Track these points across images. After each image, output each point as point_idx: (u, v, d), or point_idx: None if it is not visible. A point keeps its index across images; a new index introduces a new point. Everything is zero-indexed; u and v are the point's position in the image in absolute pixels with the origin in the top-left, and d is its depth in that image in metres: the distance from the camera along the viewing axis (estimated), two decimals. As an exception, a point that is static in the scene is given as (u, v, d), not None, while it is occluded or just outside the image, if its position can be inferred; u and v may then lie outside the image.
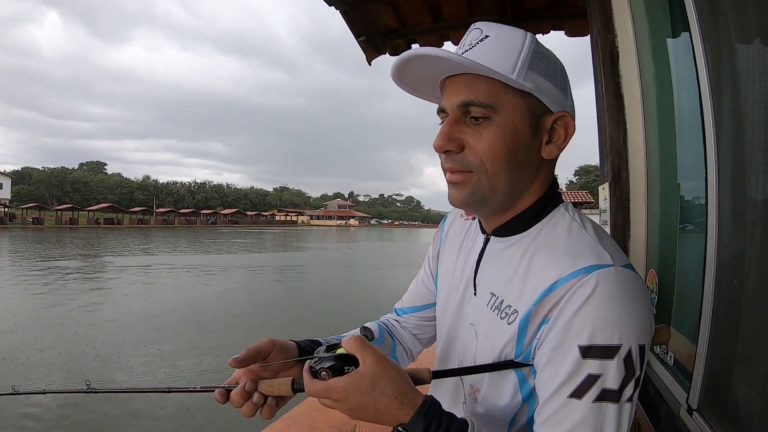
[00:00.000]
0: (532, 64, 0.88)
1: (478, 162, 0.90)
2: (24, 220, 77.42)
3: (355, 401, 0.86)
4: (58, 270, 21.76)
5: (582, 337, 0.79)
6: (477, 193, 0.92)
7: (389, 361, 0.90)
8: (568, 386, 0.80)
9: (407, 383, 0.89)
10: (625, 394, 0.79)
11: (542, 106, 0.90)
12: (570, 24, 3.74)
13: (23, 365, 8.83)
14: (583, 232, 0.90)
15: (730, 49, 1.29)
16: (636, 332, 0.79)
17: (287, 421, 5.32)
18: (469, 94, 0.88)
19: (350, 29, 3.75)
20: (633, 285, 0.82)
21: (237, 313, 13.76)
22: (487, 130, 0.88)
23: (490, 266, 1.01)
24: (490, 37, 0.90)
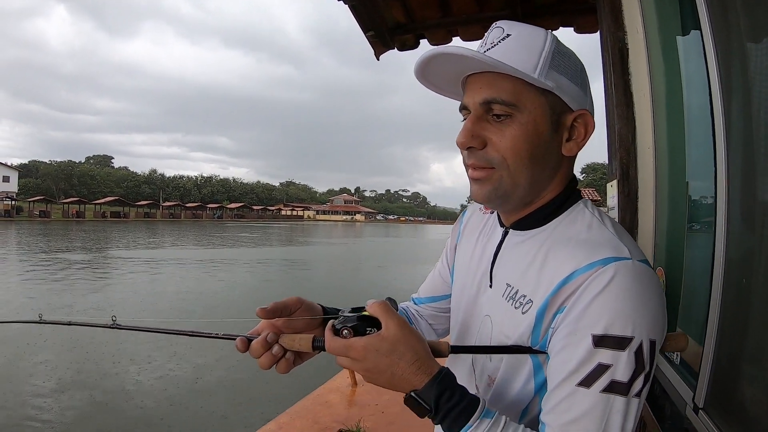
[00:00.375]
0: (553, 63, 0.90)
1: (500, 159, 0.92)
2: (31, 213, 77.94)
3: (373, 362, 0.88)
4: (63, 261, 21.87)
5: (596, 327, 0.80)
6: (499, 189, 0.94)
7: (411, 327, 0.91)
8: (578, 374, 0.81)
9: (426, 351, 0.90)
10: (633, 389, 0.80)
11: (563, 104, 0.92)
12: (579, 20, 3.72)
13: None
14: (602, 226, 0.92)
15: (741, 47, 1.28)
16: (649, 327, 0.80)
17: (291, 416, 5.35)
18: (491, 92, 0.90)
19: (359, 24, 3.74)
20: (649, 280, 0.83)
21: (240, 306, 13.78)
22: (509, 127, 0.90)
23: (507, 259, 1.03)
24: (512, 36, 0.91)
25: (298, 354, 1.04)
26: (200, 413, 6.91)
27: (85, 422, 6.51)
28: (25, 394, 7.36)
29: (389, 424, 5.11)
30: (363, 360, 0.88)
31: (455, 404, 0.86)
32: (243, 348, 1.03)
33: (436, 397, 0.86)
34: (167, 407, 7.09)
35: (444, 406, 0.86)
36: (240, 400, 7.42)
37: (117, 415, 6.78)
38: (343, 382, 6.30)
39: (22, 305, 13.12)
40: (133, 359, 9.22)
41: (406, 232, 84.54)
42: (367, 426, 5.00)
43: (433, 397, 0.86)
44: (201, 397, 7.48)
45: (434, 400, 0.86)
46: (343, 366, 0.91)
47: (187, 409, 7.04)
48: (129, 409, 6.99)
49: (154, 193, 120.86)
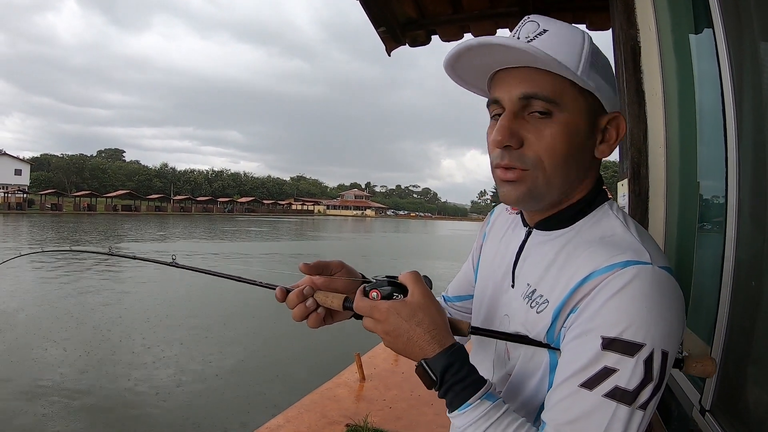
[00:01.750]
0: (593, 63, 0.88)
1: (537, 159, 0.88)
2: (42, 205, 78.46)
3: (393, 325, 0.90)
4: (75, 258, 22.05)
5: (607, 329, 0.78)
6: (533, 191, 0.91)
7: (435, 300, 0.93)
8: (582, 375, 0.79)
9: (444, 324, 0.92)
10: (639, 399, 0.77)
11: (600, 106, 0.90)
12: (592, 17, 3.70)
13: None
14: (625, 230, 0.89)
15: (753, 46, 1.28)
16: (663, 336, 0.77)
17: (299, 409, 5.37)
18: (532, 87, 0.87)
19: (370, 20, 3.74)
20: (669, 288, 0.80)
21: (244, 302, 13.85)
22: (548, 126, 0.87)
23: (530, 258, 1.01)
24: (549, 31, 0.88)
25: (329, 313, 1.08)
26: (208, 406, 6.95)
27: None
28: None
29: (397, 419, 5.12)
30: (384, 322, 0.91)
31: (460, 379, 0.87)
32: (281, 297, 1.08)
33: (444, 369, 0.87)
34: (173, 400, 7.13)
35: (449, 379, 0.87)
36: (248, 393, 7.46)
37: (123, 403, 6.84)
38: (351, 377, 6.32)
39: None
40: (147, 348, 9.29)
41: (417, 228, 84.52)
42: (374, 421, 5.01)
43: (440, 367, 0.87)
44: (209, 391, 7.53)
45: (441, 370, 0.87)
46: (367, 327, 0.95)
47: (193, 402, 7.08)
48: (142, 393, 7.05)
49: (165, 187, 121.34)
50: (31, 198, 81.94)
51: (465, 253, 1.36)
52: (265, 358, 9.39)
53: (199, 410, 6.81)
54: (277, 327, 11.65)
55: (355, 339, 9.65)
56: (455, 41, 4.07)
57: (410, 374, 6.53)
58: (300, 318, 1.07)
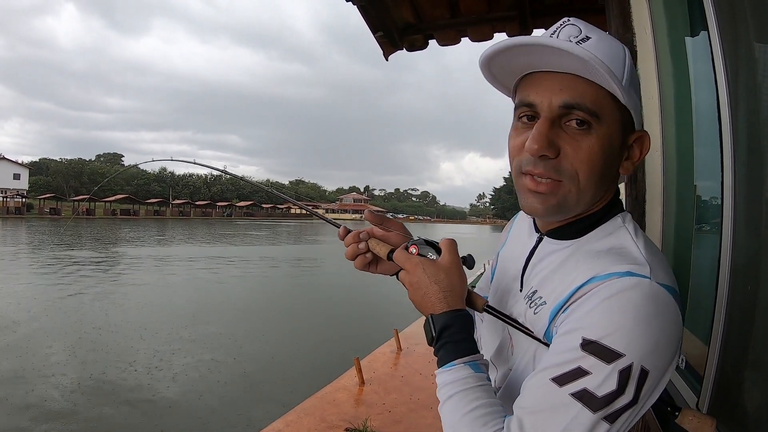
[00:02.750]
0: (631, 79, 0.86)
1: (573, 172, 0.86)
2: (41, 210, 78.29)
3: (417, 277, 0.98)
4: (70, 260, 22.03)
5: (590, 331, 0.77)
6: (563, 205, 0.89)
7: (461, 268, 1.01)
8: (556, 369, 0.79)
9: (460, 290, 0.99)
10: (606, 410, 0.75)
11: (631, 123, 0.90)
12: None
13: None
14: (633, 243, 0.88)
15: (748, 49, 1.28)
16: (646, 352, 0.76)
17: (299, 413, 5.37)
18: (574, 96, 0.84)
19: (367, 24, 3.75)
20: (664, 307, 0.79)
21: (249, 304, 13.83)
22: (586, 138, 0.85)
23: (539, 265, 1.01)
24: (592, 39, 0.86)
25: (374, 262, 1.17)
26: (207, 411, 6.94)
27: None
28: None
29: (396, 423, 5.12)
30: (411, 273, 0.99)
31: (454, 340, 0.93)
32: (342, 235, 1.16)
33: (443, 326, 0.94)
34: (170, 405, 7.12)
35: (444, 338, 0.94)
36: (247, 398, 7.45)
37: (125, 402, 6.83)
38: (351, 381, 6.32)
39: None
40: (152, 356, 9.28)
41: (416, 231, 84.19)
42: (373, 425, 5.01)
43: (441, 325, 0.94)
44: (208, 395, 7.52)
45: (441, 328, 0.94)
46: (400, 278, 1.04)
47: (192, 406, 7.07)
48: (140, 396, 7.04)
49: (164, 191, 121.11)
50: (30, 202, 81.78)
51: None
52: (264, 363, 9.38)
53: (198, 415, 6.80)
54: (276, 331, 11.65)
55: (354, 343, 9.65)
56: (452, 45, 4.08)
57: (409, 378, 6.54)
58: (350, 257, 1.15)
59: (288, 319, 13.00)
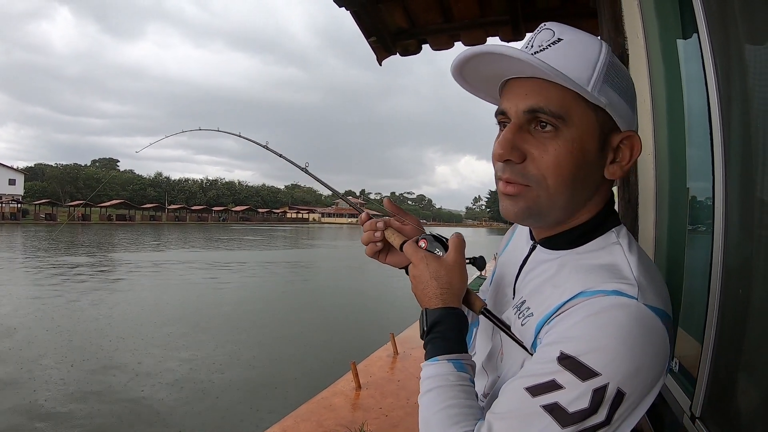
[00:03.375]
0: (607, 77, 0.83)
1: (540, 176, 0.85)
2: (37, 216, 78.12)
3: (419, 271, 1.01)
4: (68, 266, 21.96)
5: (569, 346, 0.76)
6: (533, 209, 0.88)
7: (463, 268, 1.02)
8: (531, 379, 0.78)
9: (458, 289, 1.00)
10: (575, 427, 0.74)
11: (612, 123, 0.86)
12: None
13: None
14: (625, 261, 0.85)
15: (739, 51, 1.29)
16: (624, 375, 0.73)
17: (296, 419, 5.36)
18: (539, 100, 0.83)
19: (361, 30, 3.76)
20: (650, 330, 0.76)
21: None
22: (553, 142, 0.83)
23: (530, 273, 0.99)
24: (564, 40, 0.84)
25: (384, 251, 1.19)
26: (203, 416, 6.92)
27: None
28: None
29: (393, 427, 5.11)
30: (416, 266, 1.02)
31: (443, 336, 0.95)
32: (364, 219, 1.19)
33: (434, 322, 0.96)
34: (165, 410, 7.10)
35: (434, 333, 0.96)
36: (244, 403, 7.43)
37: (120, 408, 6.81)
38: (347, 386, 6.31)
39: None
40: (147, 361, 9.25)
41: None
42: (370, 429, 5.00)
43: (432, 319, 0.96)
44: (204, 400, 7.50)
45: (432, 322, 0.96)
46: (409, 271, 1.06)
47: (188, 413, 7.05)
48: (135, 401, 7.02)
49: (159, 196, 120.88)
50: (26, 208, 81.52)
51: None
52: (260, 368, 9.36)
53: (194, 420, 6.78)
54: (272, 336, 11.63)
55: (351, 348, 9.64)
56: (446, 50, 4.09)
57: (406, 382, 6.52)
58: (365, 242, 1.17)
59: (284, 323, 12.97)
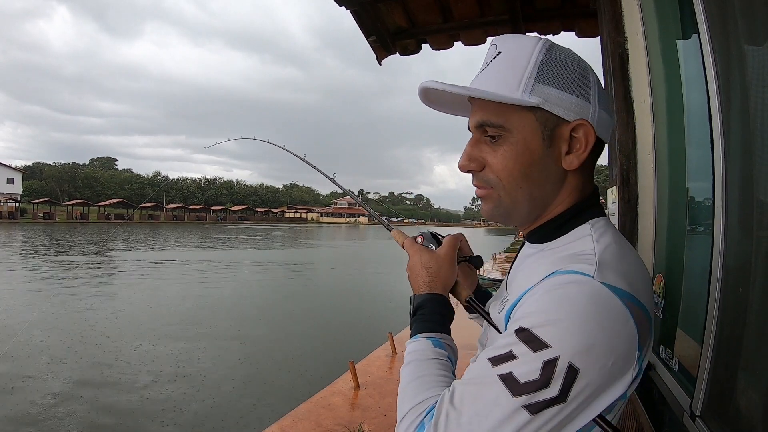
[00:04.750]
0: (539, 76, 0.88)
1: (496, 179, 0.94)
2: (35, 214, 78.14)
3: (413, 262, 1.14)
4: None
5: (526, 320, 0.79)
6: (499, 207, 0.98)
7: (453, 262, 1.15)
8: (494, 350, 0.81)
9: (445, 279, 1.12)
10: (524, 399, 0.75)
11: (555, 117, 0.90)
12: (581, 24, 3.72)
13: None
14: (591, 247, 0.88)
15: (739, 51, 1.29)
16: (576, 350, 0.74)
17: (294, 418, 5.36)
18: (483, 115, 0.93)
19: (361, 29, 3.76)
20: (606, 307, 0.77)
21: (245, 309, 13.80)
22: (501, 148, 0.92)
23: (518, 268, 1.08)
24: (501, 53, 0.93)
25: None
26: (201, 416, 6.91)
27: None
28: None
29: (391, 427, 5.10)
30: (411, 257, 1.16)
31: (424, 319, 1.06)
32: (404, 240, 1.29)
33: (419, 305, 1.08)
34: (164, 410, 7.09)
35: (418, 315, 1.07)
36: (242, 403, 7.42)
37: (118, 406, 6.80)
38: (346, 385, 6.31)
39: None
40: (145, 360, 9.24)
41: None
42: (369, 429, 5.01)
43: (417, 303, 1.09)
44: (202, 400, 7.49)
45: (417, 306, 1.09)
46: (408, 263, 1.17)
47: (186, 412, 7.04)
48: (136, 400, 7.01)
49: (158, 196, 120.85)
50: (24, 207, 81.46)
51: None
52: (259, 368, 9.36)
53: (192, 419, 6.78)
54: (270, 336, 11.62)
55: (349, 347, 9.64)
56: (445, 50, 4.10)
57: (404, 381, 6.52)
58: None
59: (283, 323, 12.98)
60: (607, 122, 0.95)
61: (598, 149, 0.95)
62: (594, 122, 0.91)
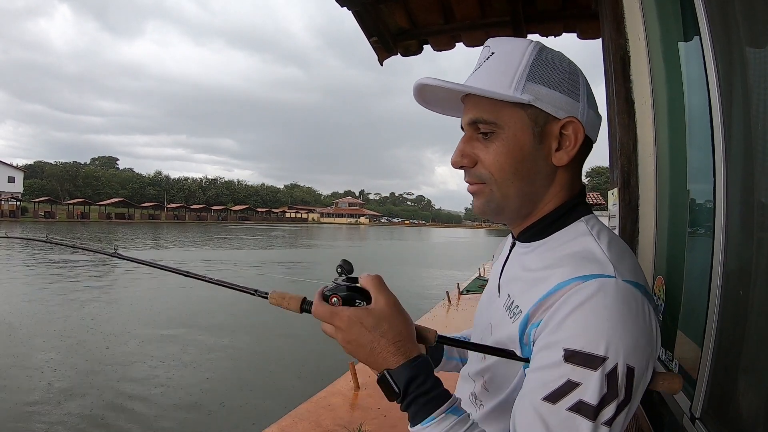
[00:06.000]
0: (531, 75, 0.92)
1: (488, 174, 0.95)
2: (36, 213, 78.17)
3: (355, 334, 0.89)
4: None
5: (569, 341, 0.78)
6: (491, 203, 0.97)
7: (400, 307, 0.93)
8: (545, 388, 0.79)
9: (410, 334, 0.91)
10: (603, 415, 0.75)
11: (545, 115, 0.92)
12: (582, 26, 3.72)
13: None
14: (596, 245, 0.90)
15: (740, 53, 1.29)
16: (627, 351, 0.77)
17: (294, 418, 5.36)
18: (476, 113, 0.95)
19: (362, 30, 3.76)
20: (634, 302, 0.80)
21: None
22: (493, 144, 0.94)
23: (511, 269, 1.06)
24: (494, 54, 0.96)
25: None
26: (201, 416, 6.91)
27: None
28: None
29: (391, 428, 5.10)
30: (346, 330, 0.89)
31: (424, 392, 0.85)
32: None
33: (408, 381, 0.86)
34: (163, 410, 7.10)
35: (413, 391, 0.86)
36: (241, 403, 7.42)
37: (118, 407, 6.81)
38: (346, 386, 6.30)
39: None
40: (144, 361, 9.25)
41: (411, 236, 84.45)
42: (369, 429, 5.00)
43: (404, 379, 0.86)
44: (202, 400, 7.49)
45: (405, 382, 0.86)
46: (327, 332, 0.93)
47: (186, 412, 7.05)
48: (131, 405, 7.01)
49: (158, 195, 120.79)
50: (25, 206, 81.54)
51: (460, 261, 1.39)
52: (258, 368, 9.36)
53: (192, 420, 6.78)
54: (270, 336, 11.62)
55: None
56: (447, 50, 4.10)
57: (404, 382, 6.52)
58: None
59: (283, 323, 12.97)
60: (595, 122, 0.98)
61: (587, 148, 0.98)
62: (583, 120, 0.94)
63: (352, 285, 0.93)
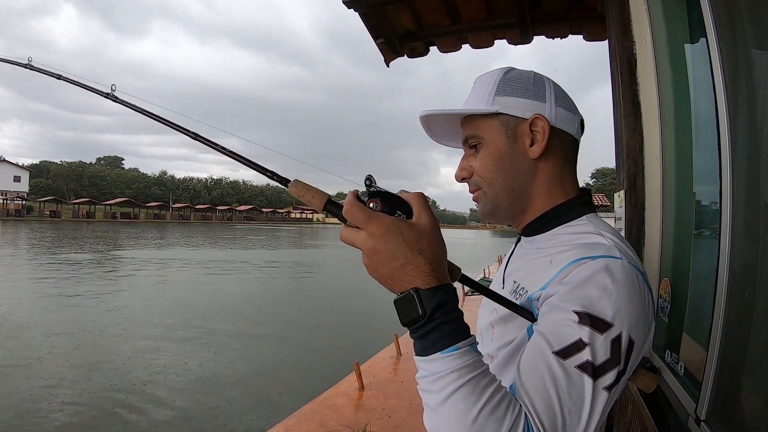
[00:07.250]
0: (498, 90, 1.07)
1: (480, 179, 1.10)
2: (41, 213, 78.41)
3: (391, 244, 0.79)
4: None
5: (580, 304, 0.83)
6: (488, 203, 1.11)
7: (441, 232, 0.85)
8: (556, 343, 0.80)
9: (445, 261, 0.85)
10: (604, 380, 0.79)
11: (515, 119, 1.06)
12: (588, 28, 3.72)
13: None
14: (599, 236, 0.97)
15: (747, 55, 1.29)
16: (631, 322, 0.83)
17: (299, 418, 5.37)
18: (466, 132, 1.13)
19: (369, 31, 3.76)
20: (639, 282, 0.87)
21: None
22: (480, 153, 1.10)
23: (517, 260, 1.16)
24: (475, 84, 1.14)
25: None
26: (206, 416, 6.93)
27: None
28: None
29: (396, 428, 5.11)
30: (381, 238, 0.79)
31: (452, 320, 0.78)
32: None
33: (437, 305, 0.78)
34: (176, 404, 7.12)
35: (439, 317, 0.78)
36: (246, 403, 7.43)
37: (121, 407, 6.83)
38: (350, 386, 6.32)
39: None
40: (150, 361, 9.27)
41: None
42: (373, 430, 5.01)
43: (434, 303, 0.77)
44: (207, 401, 7.50)
45: (434, 306, 0.77)
46: (349, 239, 0.83)
47: (190, 412, 7.06)
48: (136, 404, 7.03)
49: (164, 195, 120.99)
50: (30, 205, 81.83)
51: (466, 261, 1.40)
52: (263, 368, 9.37)
53: (197, 419, 6.79)
54: (275, 336, 11.63)
55: (354, 348, 9.64)
56: (453, 52, 4.10)
57: (409, 383, 6.53)
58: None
59: (288, 323, 12.99)
60: (568, 118, 1.08)
61: (568, 144, 1.09)
62: (551, 117, 1.06)
63: (394, 194, 0.84)
